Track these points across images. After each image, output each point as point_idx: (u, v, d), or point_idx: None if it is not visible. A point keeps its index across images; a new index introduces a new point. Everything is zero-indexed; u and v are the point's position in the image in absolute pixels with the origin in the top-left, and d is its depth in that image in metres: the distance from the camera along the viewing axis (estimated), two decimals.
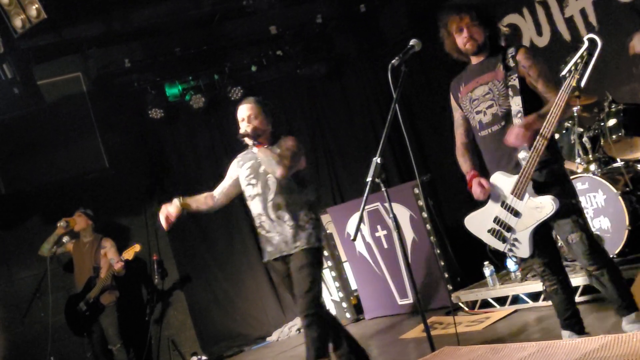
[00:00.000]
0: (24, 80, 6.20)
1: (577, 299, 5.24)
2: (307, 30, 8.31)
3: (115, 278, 7.17)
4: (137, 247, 7.02)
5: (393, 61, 3.72)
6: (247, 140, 4.54)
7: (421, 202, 6.60)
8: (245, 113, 4.66)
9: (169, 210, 4.69)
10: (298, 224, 4.54)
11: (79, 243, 7.26)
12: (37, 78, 6.66)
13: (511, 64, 3.77)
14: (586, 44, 3.47)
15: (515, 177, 3.71)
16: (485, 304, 6.08)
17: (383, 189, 3.64)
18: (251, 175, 4.67)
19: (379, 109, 8.71)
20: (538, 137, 3.58)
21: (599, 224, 5.30)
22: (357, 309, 7.57)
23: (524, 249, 3.84)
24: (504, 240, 3.90)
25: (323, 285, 7.79)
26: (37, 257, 7.17)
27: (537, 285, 5.59)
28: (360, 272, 7.39)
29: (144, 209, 7.99)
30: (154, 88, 7.85)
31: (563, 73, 3.53)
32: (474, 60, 3.99)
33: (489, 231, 3.97)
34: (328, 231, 7.62)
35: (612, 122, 5.50)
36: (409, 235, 6.77)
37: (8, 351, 7.30)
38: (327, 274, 7.70)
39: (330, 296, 7.79)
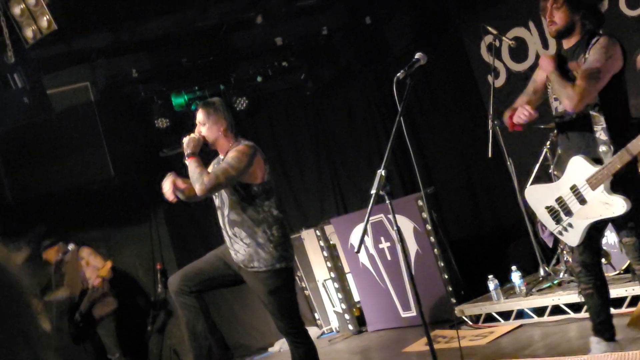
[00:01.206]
0: (34, 90, 6.24)
1: (583, 314, 5.23)
2: (312, 42, 8.34)
3: (113, 287, 7.17)
4: (109, 264, 6.97)
5: (398, 74, 3.73)
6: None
7: (425, 215, 6.59)
8: (197, 119, 4.48)
9: (176, 181, 4.46)
10: (257, 242, 4.29)
11: (60, 266, 7.24)
12: (46, 87, 6.70)
13: (588, 55, 3.73)
14: None
15: (597, 167, 3.70)
16: (490, 318, 6.06)
17: (387, 201, 3.65)
18: None
19: (383, 120, 8.72)
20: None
21: (605, 240, 5.28)
22: (360, 321, 7.55)
23: (574, 237, 3.86)
24: (558, 221, 3.91)
25: (326, 296, 7.82)
26: (41, 264, 7.18)
27: (542, 300, 5.58)
28: (363, 283, 7.38)
29: (148, 218, 8.01)
30: (161, 98, 7.88)
31: None
32: (565, 44, 3.92)
33: (547, 207, 3.99)
34: (331, 242, 7.62)
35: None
36: (412, 247, 6.76)
37: None
38: (330, 285, 7.70)
39: (333, 307, 7.79)
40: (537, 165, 6.19)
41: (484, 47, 7.52)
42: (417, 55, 3.84)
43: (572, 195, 3.84)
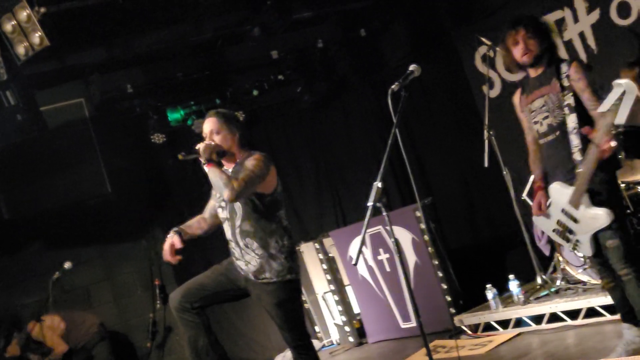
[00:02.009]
0: (27, 107, 6.24)
1: (580, 321, 5.24)
2: (308, 55, 8.36)
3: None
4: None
5: (393, 86, 3.76)
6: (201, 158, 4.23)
7: (423, 225, 6.60)
8: (207, 128, 4.41)
9: (172, 242, 4.44)
10: (269, 252, 4.27)
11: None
12: (40, 104, 6.70)
13: (566, 83, 4.00)
14: (622, 88, 3.62)
15: (572, 188, 3.97)
16: (488, 327, 6.06)
17: (384, 213, 3.65)
18: (220, 197, 4.39)
19: (380, 132, 8.74)
20: (593, 149, 3.79)
21: None
22: (360, 333, 7.54)
23: (586, 249, 4.09)
24: (567, 240, 4.18)
25: (326, 309, 7.81)
26: (38, 282, 7.16)
27: (540, 308, 5.59)
28: (362, 295, 7.37)
29: (146, 234, 7.99)
30: (156, 113, 7.88)
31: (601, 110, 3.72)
32: (532, 72, 4.20)
33: (553, 231, 4.27)
34: (330, 254, 7.61)
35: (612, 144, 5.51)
36: (411, 258, 6.76)
37: None
38: (330, 298, 7.69)
39: (333, 320, 7.77)
40: (533, 175, 6.19)
41: (479, 57, 7.55)
42: (411, 67, 3.87)
43: (566, 217, 4.11)
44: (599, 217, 3.91)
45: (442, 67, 7.99)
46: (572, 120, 3.98)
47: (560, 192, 4.08)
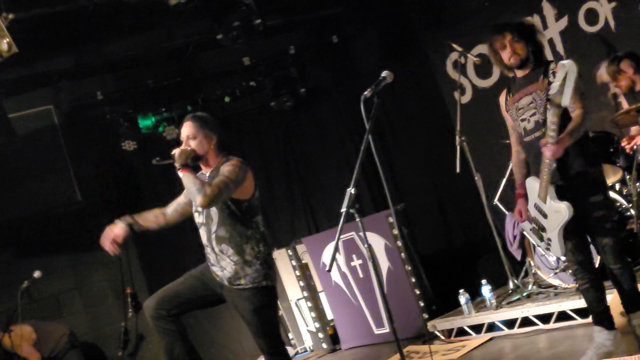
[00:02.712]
0: None
1: (552, 325, 5.29)
2: (280, 61, 8.36)
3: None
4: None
5: (365, 93, 3.76)
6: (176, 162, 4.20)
7: (395, 231, 6.61)
8: (183, 133, 4.37)
9: (115, 232, 4.41)
10: (244, 259, 4.24)
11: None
12: (8, 111, 6.60)
13: (552, 79, 4.03)
14: (565, 69, 3.76)
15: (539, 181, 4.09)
16: (461, 332, 6.09)
17: (357, 219, 3.65)
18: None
19: (352, 139, 8.75)
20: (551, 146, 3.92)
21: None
22: (334, 339, 7.52)
23: (556, 249, 4.18)
24: (541, 239, 4.26)
25: (299, 316, 7.79)
26: (7, 291, 7.05)
27: (512, 312, 5.62)
28: (336, 301, 7.36)
29: (117, 242, 7.90)
30: (127, 120, 7.81)
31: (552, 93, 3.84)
32: (520, 73, 4.29)
33: (531, 229, 4.34)
34: (304, 261, 7.60)
35: None
36: (384, 264, 6.77)
37: None
38: (303, 304, 7.67)
39: (307, 326, 7.76)
40: (504, 180, 6.26)
41: (450, 64, 7.61)
42: (384, 74, 3.87)
43: (537, 213, 4.20)
44: (560, 210, 4.01)
45: (414, 74, 8.04)
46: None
47: (532, 187, 4.18)
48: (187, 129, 4.37)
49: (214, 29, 7.46)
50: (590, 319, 4.40)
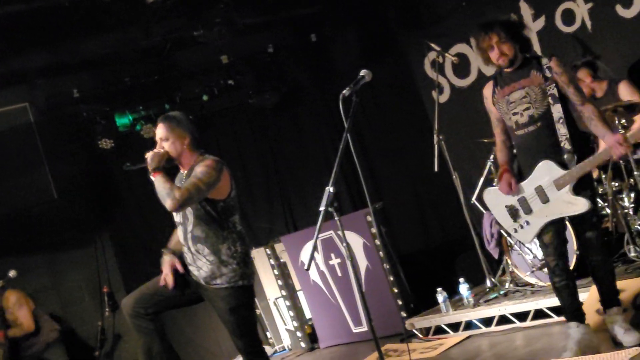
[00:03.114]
0: None
1: (528, 323, 5.33)
2: (258, 60, 8.33)
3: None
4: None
5: (344, 91, 3.76)
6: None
7: (374, 230, 6.63)
8: (157, 135, 4.36)
9: (172, 264, 4.34)
10: (220, 258, 4.22)
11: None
12: None
13: (548, 74, 4.15)
14: None
15: (565, 170, 4.09)
16: (439, 330, 6.11)
17: (336, 218, 3.65)
18: None
19: (331, 137, 8.75)
20: (616, 146, 3.99)
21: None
22: (312, 338, 7.52)
23: (529, 234, 4.28)
24: (515, 219, 4.31)
25: (277, 315, 7.78)
26: None
27: (489, 310, 5.66)
28: (314, 300, 7.36)
29: (94, 241, 7.85)
30: (104, 118, 7.75)
31: None
32: (508, 68, 4.31)
33: (507, 206, 4.36)
34: (282, 260, 7.59)
35: None
36: (362, 262, 6.78)
37: None
38: (282, 303, 7.66)
39: (285, 325, 7.75)
40: (482, 179, 6.29)
41: (428, 63, 7.64)
42: (362, 72, 3.88)
43: (535, 195, 4.21)
44: (579, 203, 4.07)
45: (392, 73, 8.06)
46: (557, 110, 4.13)
47: (550, 168, 4.15)
48: (159, 130, 4.36)
49: (191, 27, 7.43)
50: (564, 318, 4.42)
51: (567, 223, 5.30)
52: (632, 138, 4.02)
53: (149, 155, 4.24)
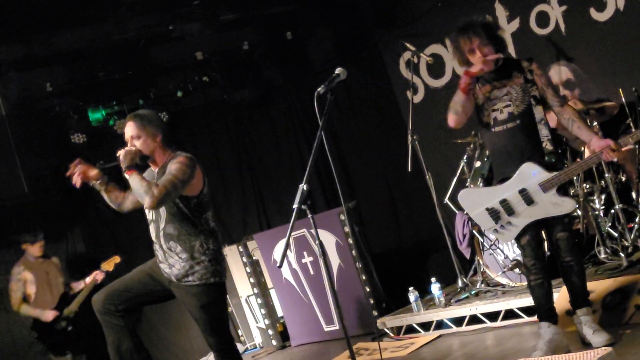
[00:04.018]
0: None
1: (499, 323, 5.37)
2: (233, 57, 8.31)
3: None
4: (117, 259, 6.97)
5: (319, 89, 3.74)
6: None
7: (347, 229, 6.63)
8: (127, 134, 4.30)
9: (89, 171, 4.38)
10: (192, 255, 4.20)
11: (33, 266, 7.09)
12: None
13: (529, 76, 4.21)
14: None
15: (552, 173, 4.12)
16: (410, 330, 6.14)
17: (309, 216, 3.64)
18: None
19: (305, 135, 8.76)
20: (608, 152, 4.03)
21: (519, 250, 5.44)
22: (284, 336, 7.52)
23: (510, 234, 4.30)
24: (497, 219, 4.29)
25: (249, 312, 7.77)
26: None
27: (461, 310, 5.69)
28: (286, 298, 7.35)
29: (65, 236, 7.78)
30: (77, 112, 7.68)
31: None
32: (487, 68, 4.28)
33: (487, 209, 4.33)
34: (255, 258, 7.57)
35: None
36: (334, 261, 6.79)
37: None
38: (254, 301, 7.65)
39: (257, 323, 7.74)
40: (455, 179, 6.33)
41: (403, 63, 7.66)
42: (338, 70, 3.86)
43: (519, 198, 4.21)
44: (566, 204, 4.14)
45: (367, 72, 8.07)
46: (539, 111, 4.19)
47: (532, 172, 4.17)
48: (129, 129, 4.30)
49: (166, 22, 7.38)
50: (536, 317, 4.46)
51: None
52: (624, 143, 4.04)
53: (121, 153, 4.20)
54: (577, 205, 4.19)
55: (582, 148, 5.81)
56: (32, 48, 7.13)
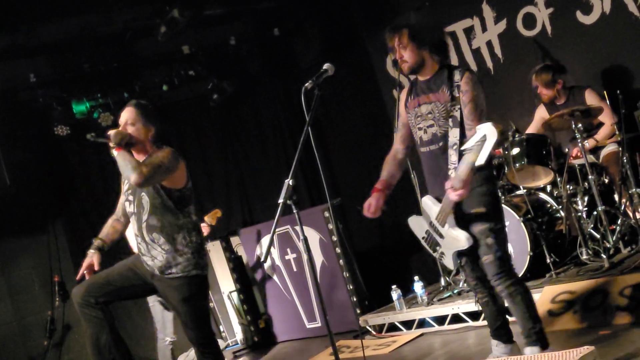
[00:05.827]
0: None
1: (481, 322, 5.38)
2: (220, 51, 8.28)
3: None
4: (218, 212, 6.86)
5: (306, 84, 3.73)
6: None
7: (331, 226, 6.63)
8: (123, 117, 4.32)
9: (91, 262, 4.40)
10: (175, 248, 4.21)
11: None
12: None
13: (456, 93, 3.83)
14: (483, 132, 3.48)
15: (438, 206, 3.85)
16: (393, 328, 6.15)
17: (295, 211, 3.63)
18: (129, 190, 4.36)
19: (291, 131, 8.74)
20: (449, 192, 3.65)
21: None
22: (265, 333, 7.50)
23: (449, 263, 4.01)
24: (434, 250, 4.05)
25: (231, 308, 7.75)
26: None
27: (442, 309, 5.71)
28: (269, 295, 7.34)
29: (46, 229, 7.71)
30: (60, 104, 7.61)
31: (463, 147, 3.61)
32: (421, 77, 4.03)
33: (423, 238, 4.11)
34: (238, 253, 7.55)
35: (515, 151, 5.71)
36: (318, 258, 6.78)
37: None
38: (236, 297, 7.63)
39: (239, 319, 7.72)
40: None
41: (390, 61, 7.66)
42: (325, 66, 3.84)
43: (434, 231, 3.98)
44: (459, 239, 3.80)
45: (354, 70, 8.07)
46: (454, 135, 3.81)
47: (429, 207, 3.95)
48: (127, 114, 4.33)
49: (153, 15, 7.33)
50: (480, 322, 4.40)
51: (522, 224, 5.42)
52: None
53: (112, 132, 4.20)
54: (471, 241, 3.75)
55: (566, 149, 5.85)
56: (17, 38, 7.06)
